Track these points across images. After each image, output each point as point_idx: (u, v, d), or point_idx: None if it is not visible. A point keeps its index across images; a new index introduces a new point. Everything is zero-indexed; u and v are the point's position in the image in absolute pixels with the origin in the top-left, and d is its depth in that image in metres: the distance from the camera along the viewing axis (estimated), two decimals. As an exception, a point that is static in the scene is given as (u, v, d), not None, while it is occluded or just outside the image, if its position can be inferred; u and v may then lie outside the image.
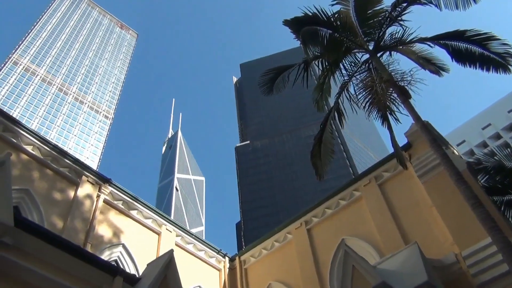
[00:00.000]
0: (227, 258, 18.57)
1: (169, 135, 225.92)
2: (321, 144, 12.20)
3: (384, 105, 12.12)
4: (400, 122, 13.01)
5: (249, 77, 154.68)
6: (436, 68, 12.74)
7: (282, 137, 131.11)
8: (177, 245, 16.72)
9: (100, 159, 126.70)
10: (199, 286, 16.47)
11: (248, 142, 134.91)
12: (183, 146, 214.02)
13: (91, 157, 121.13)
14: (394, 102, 12.35)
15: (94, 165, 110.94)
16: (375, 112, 12.51)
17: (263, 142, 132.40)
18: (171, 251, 9.01)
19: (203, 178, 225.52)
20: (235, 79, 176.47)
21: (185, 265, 15.92)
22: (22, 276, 6.90)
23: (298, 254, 16.60)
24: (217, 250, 18.36)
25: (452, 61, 12.63)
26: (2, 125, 13.29)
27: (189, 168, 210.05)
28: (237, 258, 18.62)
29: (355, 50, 13.11)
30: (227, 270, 18.24)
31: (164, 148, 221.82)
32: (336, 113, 12.66)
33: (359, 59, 13.32)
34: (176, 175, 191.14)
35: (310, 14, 12.20)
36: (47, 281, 7.11)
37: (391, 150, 13.97)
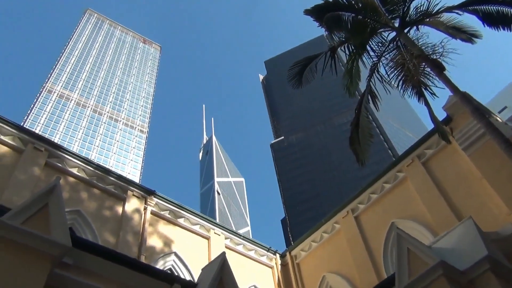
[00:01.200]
0: (277, 255, 18.61)
1: (204, 141, 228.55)
2: (358, 129, 12.02)
3: (418, 81, 11.80)
4: (436, 96, 12.64)
5: (275, 73, 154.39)
6: (467, 36, 12.29)
7: (316, 129, 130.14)
8: (227, 247, 16.88)
9: (141, 173, 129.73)
10: (254, 286, 16.58)
11: (283, 137, 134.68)
12: (219, 150, 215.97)
13: (133, 172, 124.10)
14: (428, 76, 12.01)
15: (136, 179, 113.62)
16: (410, 90, 12.21)
17: (298, 135, 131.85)
18: (223, 253, 9.10)
19: (242, 179, 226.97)
20: (261, 77, 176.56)
21: (237, 266, 16.06)
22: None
23: (349, 242, 16.44)
24: (266, 248, 18.42)
25: (484, 26, 12.15)
26: (47, 152, 13.82)
27: (227, 171, 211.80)
28: (287, 253, 18.63)
29: (381, 30, 12.83)
30: (279, 267, 18.28)
31: (200, 154, 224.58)
32: (369, 97, 12.44)
33: (385, 38, 13.03)
34: (216, 179, 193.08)
35: (331, 0, 12.03)
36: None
37: (429, 126, 13.61)
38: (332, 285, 16.41)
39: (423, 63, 11.66)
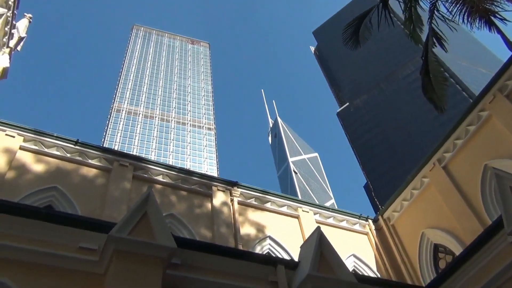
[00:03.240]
0: (370, 221, 18.35)
1: (270, 125, 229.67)
2: (430, 76, 11.40)
3: (485, 9, 10.92)
4: (508, 21, 11.63)
5: (326, 41, 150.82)
6: None
7: (380, 87, 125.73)
8: (317, 222, 16.91)
9: (217, 168, 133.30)
10: (353, 255, 16.52)
11: (347, 104, 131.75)
12: (286, 131, 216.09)
13: (210, 169, 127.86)
14: (494, 2, 11.06)
15: (215, 175, 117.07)
16: (477, 21, 11.33)
17: (362, 98, 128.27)
18: (318, 228, 9.13)
19: (316, 154, 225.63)
20: (312, 49, 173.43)
21: (332, 238, 15.92)
22: (196, 287, 7.50)
23: (442, 194, 15.83)
24: (357, 215, 18.24)
25: None
26: (132, 166, 14.65)
27: (299, 149, 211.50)
28: (379, 217, 18.31)
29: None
30: (374, 232, 18.03)
31: (270, 138, 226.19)
32: (434, 39, 11.73)
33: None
34: (290, 159, 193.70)
35: None
36: (220, 287, 7.65)
37: (505, 57, 12.59)
38: (433, 240, 15.94)
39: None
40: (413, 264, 16.41)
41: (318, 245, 8.55)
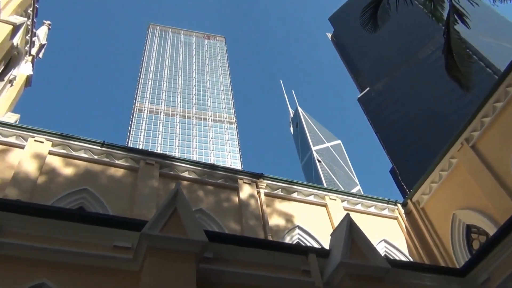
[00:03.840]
0: (398, 205, 18.14)
1: (291, 115, 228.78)
2: (453, 54, 11.12)
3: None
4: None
5: (342, 26, 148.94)
6: None
7: (400, 69, 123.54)
8: (346, 209, 16.81)
9: (241, 161, 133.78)
10: (384, 240, 16.39)
11: (368, 89, 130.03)
12: (308, 120, 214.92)
13: (234, 162, 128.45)
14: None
15: (239, 168, 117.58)
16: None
17: (383, 82, 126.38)
18: (347, 215, 9.10)
19: (339, 141, 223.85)
20: (329, 35, 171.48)
21: (361, 225, 15.87)
22: (231, 280, 7.58)
23: (472, 174, 15.52)
24: (385, 200, 18.05)
25: None
26: (158, 164, 14.85)
27: (322, 137, 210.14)
28: (408, 201, 18.08)
29: None
30: (403, 216, 17.82)
31: (291, 128, 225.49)
32: (455, 16, 11.42)
33: None
34: (313, 148, 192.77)
35: None
36: (253, 278, 7.71)
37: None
38: (465, 221, 15.67)
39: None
40: (445, 246, 16.17)
41: (349, 232, 8.53)
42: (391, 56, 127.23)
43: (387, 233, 16.86)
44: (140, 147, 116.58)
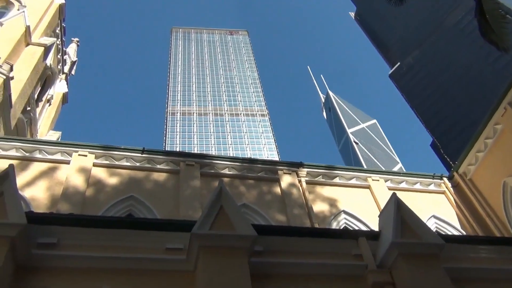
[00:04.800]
0: (445, 179, 17.69)
1: (322, 100, 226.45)
2: (486, 16, 10.66)
3: None
4: None
5: (365, 3, 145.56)
6: None
7: (430, 39, 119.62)
8: (390, 189, 16.56)
9: (278, 152, 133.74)
10: (433, 216, 16.05)
11: (399, 64, 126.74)
12: (340, 103, 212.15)
13: (270, 154, 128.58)
14: None
15: (276, 159, 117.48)
16: None
17: (413, 55, 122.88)
18: (394, 194, 8.93)
19: (374, 121, 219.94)
20: (352, 14, 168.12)
21: (408, 203, 15.61)
22: (283, 271, 7.60)
23: (519, 138, 14.92)
24: (430, 175, 17.65)
25: None
26: (198, 164, 15.09)
27: (356, 118, 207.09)
28: (454, 174, 17.61)
29: None
30: (451, 189, 17.37)
31: (324, 113, 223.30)
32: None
33: None
34: (349, 131, 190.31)
35: None
36: (305, 267, 7.70)
37: None
38: (518, 187, 15.10)
39: None
40: (499, 216, 15.67)
41: (397, 211, 8.37)
42: (418, 28, 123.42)
43: (436, 208, 16.50)
44: (177, 150, 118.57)
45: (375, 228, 11.88)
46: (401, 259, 7.53)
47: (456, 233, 15.78)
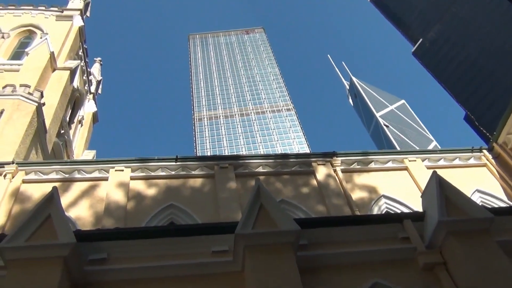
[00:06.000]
0: (484, 151, 17.15)
1: (347, 87, 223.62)
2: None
3: None
4: None
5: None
6: None
7: (451, 11, 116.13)
8: (428, 168, 16.18)
9: (308, 145, 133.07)
10: (477, 190, 15.59)
11: (421, 40, 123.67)
12: (365, 87, 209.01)
13: (301, 148, 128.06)
14: None
15: (308, 152, 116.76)
16: None
17: (435, 29, 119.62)
18: (435, 172, 8.74)
19: (402, 101, 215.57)
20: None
21: (450, 179, 15.24)
22: (331, 262, 7.55)
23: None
24: (469, 149, 17.15)
25: None
26: (232, 166, 15.20)
27: (383, 101, 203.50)
28: (494, 144, 17.03)
29: None
30: (492, 161, 16.81)
31: (350, 100, 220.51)
32: None
33: None
34: (377, 114, 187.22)
35: None
36: (352, 256, 7.62)
37: None
38: None
39: None
40: (546, 182, 15.08)
41: (440, 189, 8.19)
42: (437, 0, 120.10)
43: (479, 182, 16.02)
44: (208, 154, 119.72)
45: (418, 209, 11.65)
46: (450, 238, 7.36)
47: (503, 205, 15.27)
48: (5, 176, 14.11)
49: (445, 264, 7.35)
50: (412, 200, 14.56)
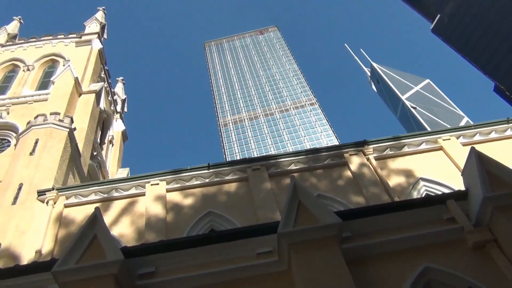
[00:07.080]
0: (521, 121, 16.59)
1: (368, 74, 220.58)
2: None
3: None
4: None
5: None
6: None
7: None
8: (464, 144, 15.80)
9: (336, 137, 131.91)
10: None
11: (439, 16, 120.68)
12: (387, 71, 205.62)
13: (330, 140, 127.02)
14: None
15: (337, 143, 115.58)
16: None
17: (453, 3, 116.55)
18: (472, 148, 8.50)
19: (427, 80, 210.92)
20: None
21: (489, 154, 14.89)
22: (377, 251, 7.40)
23: None
24: (504, 121, 16.62)
25: None
26: (264, 166, 15.28)
27: (407, 83, 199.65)
28: (530, 113, 16.45)
29: None
30: (531, 130, 16.25)
31: (373, 86, 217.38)
32: None
33: None
34: (403, 97, 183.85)
35: None
36: (398, 242, 7.49)
37: None
38: None
39: None
40: None
41: (481, 165, 7.97)
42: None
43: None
44: (238, 158, 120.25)
45: (459, 188, 11.36)
46: (498, 213, 7.15)
47: (548, 173, 14.72)
48: (47, 203, 14.59)
49: (496, 241, 7.13)
50: (451, 180, 14.22)
